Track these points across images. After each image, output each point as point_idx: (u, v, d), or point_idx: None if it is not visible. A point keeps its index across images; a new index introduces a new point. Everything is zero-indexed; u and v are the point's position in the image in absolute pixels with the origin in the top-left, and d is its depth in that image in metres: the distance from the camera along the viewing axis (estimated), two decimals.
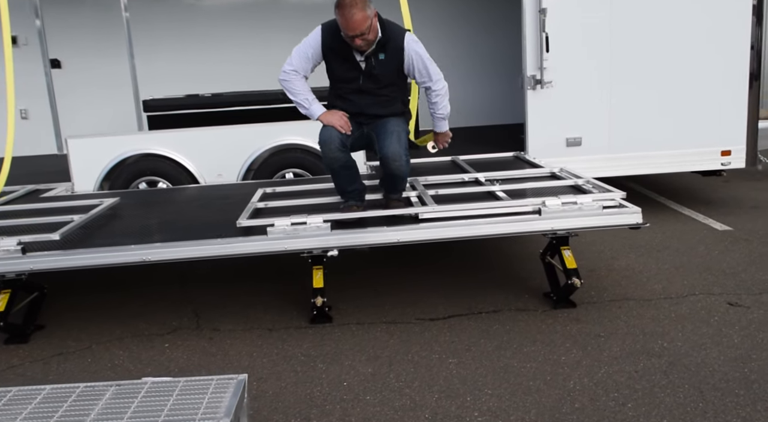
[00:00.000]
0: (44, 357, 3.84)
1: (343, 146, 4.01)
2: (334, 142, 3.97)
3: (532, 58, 6.01)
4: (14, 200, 5.24)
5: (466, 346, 3.71)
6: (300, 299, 4.38)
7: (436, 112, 4.23)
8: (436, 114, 4.24)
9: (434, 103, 4.16)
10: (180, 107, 6.87)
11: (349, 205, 4.12)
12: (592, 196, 3.96)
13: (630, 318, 3.99)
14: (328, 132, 3.98)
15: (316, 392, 3.28)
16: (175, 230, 4.10)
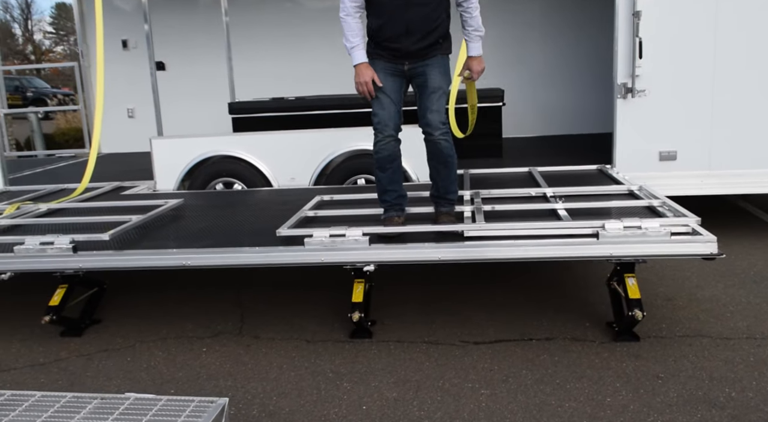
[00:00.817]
0: (90, 352, 3.95)
1: (397, 130, 3.89)
2: (390, 124, 3.84)
3: (624, 65, 5.55)
4: (94, 197, 5.47)
5: (504, 376, 3.44)
6: (346, 311, 4.24)
7: (470, 29, 3.96)
8: (472, 32, 3.96)
9: (468, 16, 3.91)
10: (263, 109, 6.94)
11: (390, 216, 3.94)
12: (661, 220, 3.55)
13: (699, 359, 3.55)
14: (387, 113, 3.83)
15: (332, 414, 3.14)
16: (221, 236, 4.10)
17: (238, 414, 3.17)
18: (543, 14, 8.56)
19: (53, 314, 3.97)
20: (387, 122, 3.88)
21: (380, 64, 3.88)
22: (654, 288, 4.64)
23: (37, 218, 4.72)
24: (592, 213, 3.98)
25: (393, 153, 3.91)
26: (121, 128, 9.27)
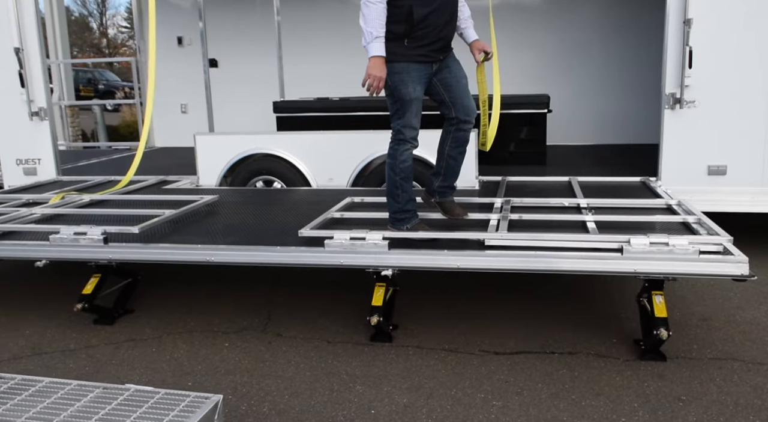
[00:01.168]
0: (118, 341, 4.07)
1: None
2: (415, 133, 3.84)
3: (673, 75, 5.38)
4: (136, 190, 5.63)
5: (518, 389, 3.38)
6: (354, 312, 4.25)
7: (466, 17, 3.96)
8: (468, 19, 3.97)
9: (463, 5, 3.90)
10: (307, 109, 7.02)
11: (417, 223, 3.92)
12: (690, 238, 3.42)
13: (727, 383, 3.40)
14: (418, 123, 3.82)
15: (340, 416, 3.14)
16: (247, 233, 4.15)
17: (249, 410, 3.21)
18: (593, 20, 8.38)
19: (85, 303, 4.11)
20: (416, 133, 3.85)
21: (416, 69, 3.75)
22: (690, 307, 4.48)
23: (79, 208, 4.89)
24: (622, 227, 3.87)
25: (411, 162, 3.92)
26: (174, 122, 9.51)
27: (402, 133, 3.81)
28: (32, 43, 6.36)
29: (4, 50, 6.33)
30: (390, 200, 3.94)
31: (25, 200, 5.23)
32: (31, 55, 6.38)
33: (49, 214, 4.70)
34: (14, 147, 6.58)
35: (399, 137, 3.84)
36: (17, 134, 6.52)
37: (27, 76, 6.39)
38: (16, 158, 6.61)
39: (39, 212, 4.67)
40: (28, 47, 6.35)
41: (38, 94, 6.46)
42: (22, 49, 6.32)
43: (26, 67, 6.38)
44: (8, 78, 6.40)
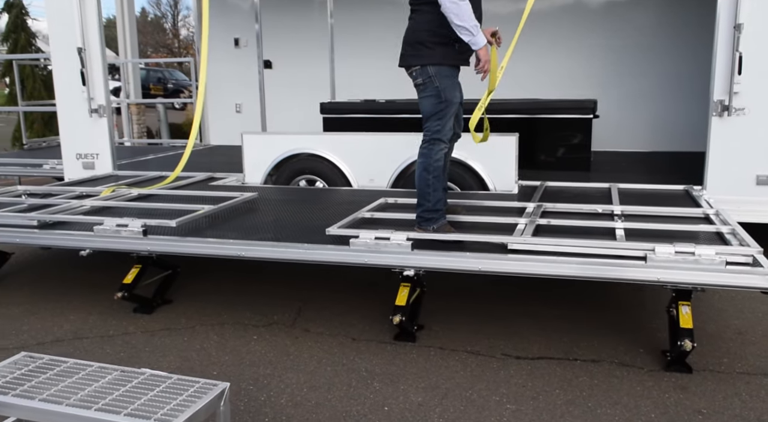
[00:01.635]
0: (154, 329, 4.25)
1: None
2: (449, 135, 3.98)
3: (721, 81, 5.24)
4: (183, 186, 5.85)
5: (535, 394, 3.37)
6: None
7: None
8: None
9: None
10: (352, 110, 7.12)
11: (441, 225, 3.96)
12: (718, 248, 3.35)
13: (752, 398, 3.32)
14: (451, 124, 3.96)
15: (353, 411, 3.21)
16: (280, 230, 4.27)
17: (267, 401, 3.32)
18: (645, 25, 8.22)
19: (125, 291, 4.31)
20: (449, 132, 3.98)
21: (457, 74, 3.98)
22: (728, 320, 4.37)
23: (127, 202, 5.12)
24: (651, 235, 3.80)
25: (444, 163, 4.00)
26: (229, 121, 9.80)
27: (440, 133, 3.93)
28: (94, 44, 6.68)
29: (68, 50, 6.66)
30: (420, 199, 4.01)
31: (78, 192, 5.50)
32: (93, 55, 6.70)
33: (98, 206, 4.93)
34: (75, 142, 6.92)
35: (435, 137, 3.94)
36: (78, 129, 6.86)
37: (88, 75, 6.71)
38: (76, 153, 6.95)
39: (89, 204, 4.92)
40: (90, 47, 6.67)
41: (98, 92, 6.78)
42: (84, 49, 6.64)
43: (87, 66, 6.70)
44: (71, 76, 6.73)
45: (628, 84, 8.24)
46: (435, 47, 3.86)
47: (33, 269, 5.57)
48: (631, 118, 8.18)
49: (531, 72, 8.30)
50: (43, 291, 4.97)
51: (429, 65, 3.87)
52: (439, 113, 3.91)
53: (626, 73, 8.24)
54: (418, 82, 3.96)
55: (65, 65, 6.75)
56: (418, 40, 3.92)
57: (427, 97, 3.93)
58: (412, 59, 3.93)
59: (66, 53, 6.70)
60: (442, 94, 3.87)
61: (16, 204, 5.02)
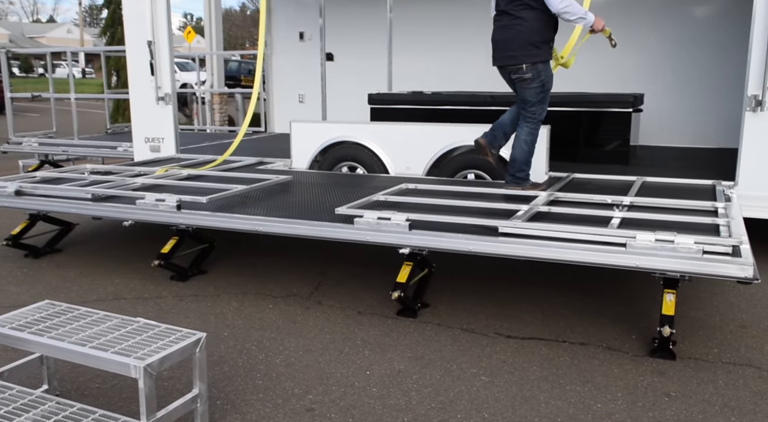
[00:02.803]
0: (184, 295, 4.69)
1: None
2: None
3: (756, 76, 5.18)
4: (231, 169, 6.30)
5: (512, 369, 3.56)
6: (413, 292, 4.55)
7: None
8: None
9: None
10: (398, 102, 7.38)
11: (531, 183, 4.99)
12: (699, 237, 3.42)
13: (727, 387, 3.38)
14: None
15: (338, 373, 3.51)
16: (299, 209, 4.61)
17: (264, 360, 3.66)
18: (690, 19, 8.03)
19: (161, 260, 4.77)
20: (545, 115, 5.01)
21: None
22: (736, 313, 4.38)
23: (177, 180, 5.61)
24: (646, 225, 3.89)
25: None
26: (292, 111, 10.26)
27: (541, 115, 4.92)
28: (162, 37, 7.25)
29: (139, 43, 7.26)
30: (521, 165, 5.00)
31: (137, 171, 6.05)
32: (161, 47, 7.27)
33: (149, 184, 5.44)
34: (144, 127, 7.54)
35: (539, 118, 4.92)
36: (146, 115, 7.47)
37: (156, 66, 7.29)
38: (145, 137, 7.57)
39: (140, 182, 5.43)
40: (158, 41, 7.25)
41: (165, 81, 7.35)
42: (153, 42, 7.23)
43: (156, 58, 7.28)
44: (142, 67, 7.34)
45: (676, 79, 8.10)
46: (542, 47, 4.76)
47: (92, 240, 6.18)
48: (681, 113, 8.05)
49: (580, 67, 8.26)
50: (98, 258, 5.54)
51: (539, 62, 4.77)
52: (541, 100, 4.87)
53: (674, 68, 8.11)
54: (526, 76, 4.79)
55: (137, 57, 7.37)
56: (529, 41, 4.74)
57: (533, 88, 4.82)
58: (524, 58, 4.76)
59: (138, 46, 7.30)
60: (545, 85, 4.83)
61: (79, 180, 5.60)
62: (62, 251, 5.77)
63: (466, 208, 4.40)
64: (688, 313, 4.38)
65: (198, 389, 2.80)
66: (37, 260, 5.51)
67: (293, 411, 3.13)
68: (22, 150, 8.85)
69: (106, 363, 2.58)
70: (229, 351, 3.77)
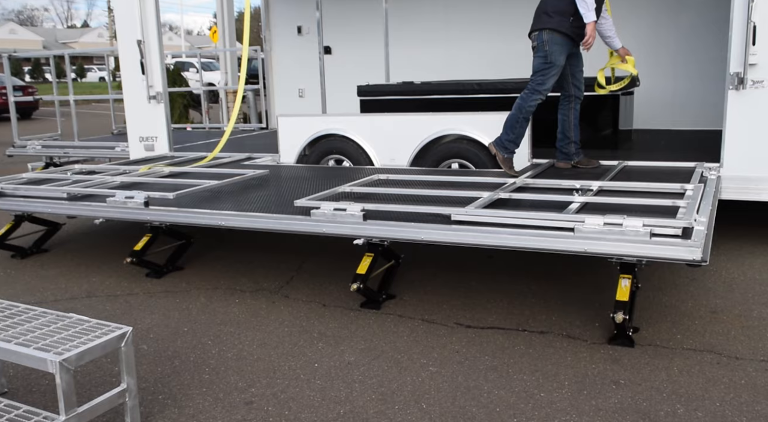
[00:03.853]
0: (156, 292, 4.73)
1: None
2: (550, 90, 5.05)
3: (737, 52, 5.02)
4: (216, 165, 6.34)
5: (462, 359, 3.51)
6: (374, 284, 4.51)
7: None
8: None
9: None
10: (388, 93, 7.32)
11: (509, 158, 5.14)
12: (648, 220, 3.32)
13: (680, 373, 3.28)
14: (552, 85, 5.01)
15: (286, 366, 3.50)
16: (265, 203, 4.60)
17: (218, 354, 3.68)
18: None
19: (134, 257, 4.82)
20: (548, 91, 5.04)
21: (568, 44, 4.96)
22: (710, 298, 4.26)
23: (157, 178, 5.66)
24: (605, 209, 3.79)
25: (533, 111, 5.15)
26: (292, 106, 10.29)
27: (540, 86, 4.97)
28: (152, 36, 7.31)
29: (130, 42, 7.33)
30: (506, 129, 5.11)
31: (122, 170, 6.12)
32: (151, 46, 7.34)
33: (128, 182, 5.50)
34: (137, 126, 7.62)
35: (536, 88, 4.97)
36: (139, 115, 7.55)
37: (147, 65, 7.36)
38: (139, 136, 7.65)
39: (120, 180, 5.49)
40: (148, 39, 7.31)
41: (156, 80, 7.42)
42: (143, 41, 7.29)
43: (146, 57, 7.35)
44: (133, 67, 7.42)
45: (667, 62, 7.89)
46: (553, 16, 4.86)
47: (79, 239, 6.26)
48: (677, 96, 7.84)
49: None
50: (80, 257, 5.62)
51: (544, 30, 4.88)
52: (542, 70, 4.95)
53: (667, 51, 7.90)
54: (533, 44, 4.99)
55: (128, 56, 7.44)
56: (543, 9, 4.94)
57: (538, 57, 4.96)
58: (534, 24, 4.96)
59: (129, 46, 7.38)
60: (549, 57, 4.90)
61: (62, 180, 5.69)
62: (48, 251, 5.87)
63: (429, 197, 4.36)
64: (660, 299, 4.27)
65: (126, 383, 2.81)
66: (23, 261, 5.62)
67: (231, 404, 3.13)
68: (26, 153, 9.04)
69: (26, 358, 2.61)
70: (184, 346, 3.79)
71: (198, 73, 25.44)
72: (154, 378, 3.41)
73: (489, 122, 5.80)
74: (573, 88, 5.26)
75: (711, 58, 7.64)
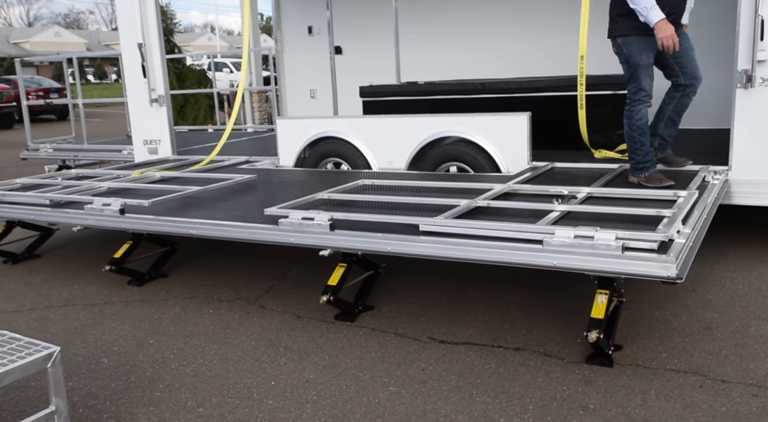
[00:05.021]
0: (132, 300, 4.64)
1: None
2: (650, 94, 4.48)
3: (745, 49, 4.70)
4: (210, 169, 6.24)
5: (426, 378, 3.32)
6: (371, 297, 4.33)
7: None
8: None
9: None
10: (390, 93, 7.14)
11: (652, 173, 4.48)
12: (621, 232, 3.07)
13: (657, 398, 3.04)
14: (652, 84, 4.47)
15: (242, 384, 3.36)
16: (241, 210, 4.47)
17: (176, 369, 3.55)
18: None
19: (113, 265, 4.74)
20: (649, 91, 4.48)
21: (647, 40, 4.38)
22: (707, 313, 3.97)
23: (146, 184, 5.57)
24: (585, 218, 3.56)
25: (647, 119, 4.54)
26: (304, 107, 10.17)
27: (637, 94, 4.49)
28: (153, 39, 7.26)
29: (133, 46, 7.30)
30: (631, 153, 4.60)
31: (116, 175, 6.07)
32: (152, 49, 7.29)
33: (115, 188, 5.42)
34: (141, 129, 7.59)
35: (634, 98, 4.50)
36: (143, 118, 7.51)
37: (148, 68, 7.31)
38: (143, 139, 7.62)
39: (106, 186, 5.43)
40: (149, 42, 7.27)
41: (158, 83, 7.37)
42: (144, 44, 7.25)
43: (148, 60, 7.31)
44: (136, 70, 7.38)
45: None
46: (620, 21, 4.45)
47: (72, 245, 6.21)
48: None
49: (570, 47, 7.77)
50: (69, 264, 5.57)
51: (618, 37, 4.50)
52: (631, 77, 4.50)
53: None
54: (615, 52, 4.60)
55: (131, 60, 7.41)
56: (611, 15, 4.55)
57: (622, 64, 4.57)
58: (609, 32, 4.58)
59: (131, 49, 7.34)
60: (629, 60, 4.46)
61: (53, 186, 5.65)
62: (40, 256, 5.85)
63: (407, 205, 4.17)
64: (652, 312, 4.00)
65: (54, 405, 2.70)
66: (13, 267, 5.60)
67: None
68: (38, 156, 9.10)
69: None
70: (144, 360, 3.67)
71: (231, 73, 25.64)
72: (104, 395, 3.30)
73: (488, 123, 5.58)
74: (681, 77, 4.61)
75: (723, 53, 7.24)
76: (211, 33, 63.49)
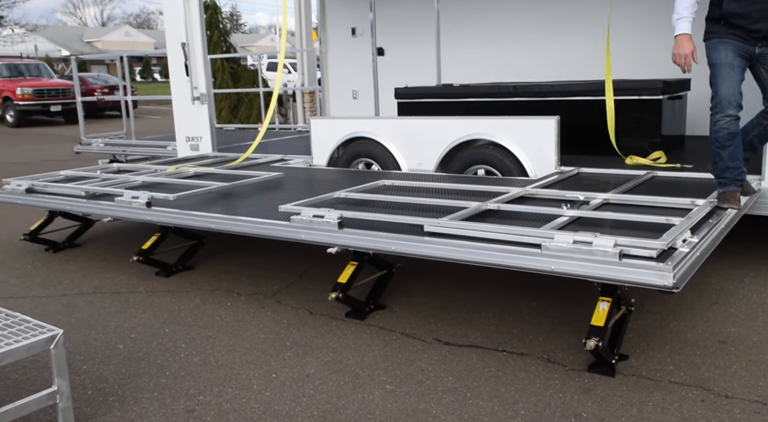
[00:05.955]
0: (157, 290, 4.80)
1: (738, 108, 3.99)
2: (732, 102, 3.96)
3: None
4: (244, 166, 6.39)
5: (424, 378, 3.34)
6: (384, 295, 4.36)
7: None
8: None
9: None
10: (425, 95, 7.16)
11: (727, 192, 4.07)
12: (620, 239, 3.02)
13: (654, 410, 2.98)
14: (730, 90, 3.95)
15: (244, 375, 3.44)
16: (258, 206, 4.56)
17: (185, 358, 3.66)
18: None
19: (140, 256, 4.91)
20: (730, 99, 3.97)
21: (730, 43, 4.01)
22: (725, 326, 3.86)
23: (179, 178, 5.75)
24: (593, 224, 3.51)
25: (733, 132, 4.02)
26: (346, 108, 10.27)
27: (714, 98, 4.05)
28: (196, 38, 7.47)
29: (177, 44, 7.52)
30: (714, 167, 4.24)
31: (153, 169, 6.28)
32: (195, 48, 7.50)
33: (149, 182, 5.62)
34: (184, 126, 7.82)
35: (713, 108, 4.08)
36: (185, 115, 7.74)
37: (191, 67, 7.53)
38: (186, 136, 7.85)
39: (141, 180, 5.63)
40: (193, 42, 7.48)
41: (200, 81, 7.57)
42: (187, 44, 7.47)
43: (191, 59, 7.52)
44: (180, 68, 7.60)
45: None
46: (706, 25, 4.12)
47: (108, 237, 6.44)
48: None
49: (624, 51, 7.60)
50: (106, 254, 5.80)
51: (706, 41, 4.12)
52: (711, 84, 4.07)
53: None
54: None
55: (175, 58, 7.64)
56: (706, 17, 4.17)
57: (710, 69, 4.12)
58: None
59: (176, 48, 7.57)
60: (708, 60, 4.06)
61: (92, 178, 5.89)
62: (80, 246, 6.10)
63: (419, 205, 4.19)
64: (668, 324, 3.91)
65: (56, 385, 2.83)
66: (54, 255, 5.86)
67: (173, 411, 3.10)
68: (91, 151, 9.48)
69: None
70: (157, 348, 3.80)
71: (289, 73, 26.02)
72: (114, 379, 3.44)
73: (516, 127, 5.54)
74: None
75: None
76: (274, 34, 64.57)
